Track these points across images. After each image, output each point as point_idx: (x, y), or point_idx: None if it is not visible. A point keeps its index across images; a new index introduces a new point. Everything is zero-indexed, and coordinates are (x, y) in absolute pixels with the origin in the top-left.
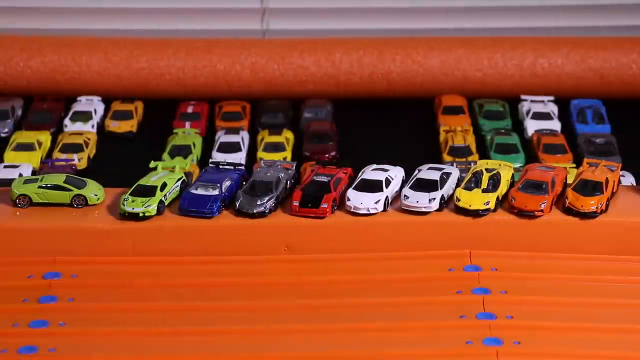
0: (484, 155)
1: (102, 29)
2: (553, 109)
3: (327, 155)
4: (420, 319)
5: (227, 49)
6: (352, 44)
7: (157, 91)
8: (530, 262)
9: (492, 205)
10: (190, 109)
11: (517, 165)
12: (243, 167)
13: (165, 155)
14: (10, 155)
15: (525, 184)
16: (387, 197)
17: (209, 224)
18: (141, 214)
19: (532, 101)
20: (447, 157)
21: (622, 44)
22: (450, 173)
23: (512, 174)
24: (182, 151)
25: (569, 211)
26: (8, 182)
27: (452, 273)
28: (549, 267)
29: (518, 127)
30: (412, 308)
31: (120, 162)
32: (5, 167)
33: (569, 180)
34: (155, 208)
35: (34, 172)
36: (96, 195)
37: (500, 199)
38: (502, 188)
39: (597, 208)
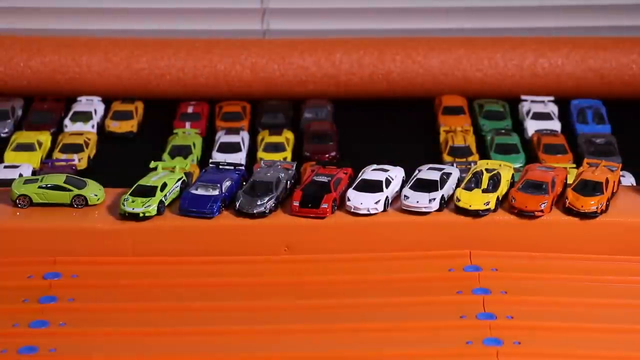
0: (484, 155)
1: (102, 29)
2: (553, 109)
3: (327, 156)
4: (420, 319)
5: (227, 49)
6: (352, 44)
7: (157, 91)
8: (530, 262)
9: (492, 206)
10: (190, 109)
11: (517, 165)
12: (243, 168)
13: (166, 156)
14: (10, 156)
15: (526, 184)
16: (387, 197)
17: (209, 224)
18: (141, 214)
19: (532, 101)
20: (447, 158)
21: (622, 44)
22: (451, 173)
23: (512, 174)
24: (182, 151)
25: (569, 211)
26: (8, 182)
27: (452, 273)
28: (549, 267)
29: (518, 127)
30: (412, 308)
31: (120, 162)
32: (6, 167)
33: (569, 181)
34: (155, 208)
35: (34, 172)
36: (96, 195)
37: (500, 199)
38: (502, 188)
39: (597, 208)
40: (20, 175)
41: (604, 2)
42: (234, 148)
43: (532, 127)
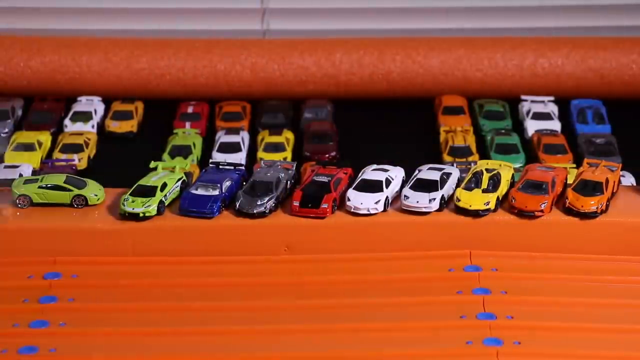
0: (484, 155)
1: (102, 29)
2: (553, 109)
3: (327, 156)
4: (420, 319)
5: (227, 49)
6: (352, 44)
7: (158, 91)
8: (530, 262)
9: (492, 206)
10: (190, 109)
11: (518, 165)
12: (243, 168)
13: (166, 156)
14: (10, 156)
15: (526, 184)
16: (387, 197)
17: (209, 224)
18: (141, 214)
19: (532, 101)
20: (447, 158)
21: (622, 44)
22: (451, 173)
23: (512, 174)
24: (182, 151)
25: (569, 211)
26: (8, 182)
27: (452, 273)
28: (549, 267)
29: (518, 127)
30: (412, 308)
31: (120, 162)
32: (6, 167)
33: (569, 181)
34: (156, 208)
35: (34, 172)
36: (96, 195)
37: (500, 199)
38: (502, 188)
39: (597, 208)
40: (20, 175)
41: (604, 2)
42: (234, 148)
43: (532, 127)
